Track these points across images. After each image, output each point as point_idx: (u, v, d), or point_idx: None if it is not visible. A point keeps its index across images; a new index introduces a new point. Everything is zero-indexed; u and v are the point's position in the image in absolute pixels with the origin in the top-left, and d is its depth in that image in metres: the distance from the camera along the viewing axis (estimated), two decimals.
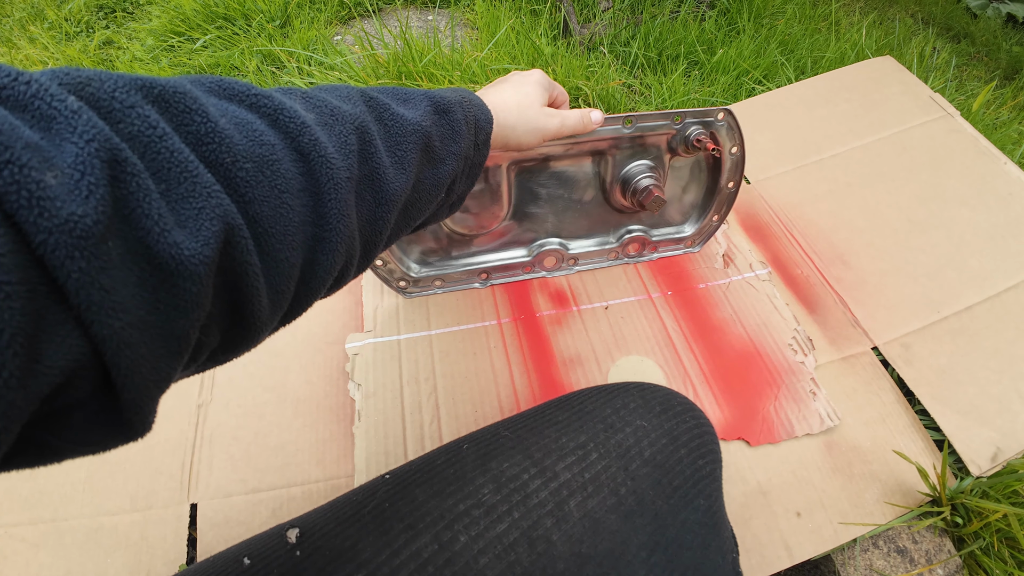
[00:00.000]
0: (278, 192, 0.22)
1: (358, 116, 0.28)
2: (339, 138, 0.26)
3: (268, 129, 0.23)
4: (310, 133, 0.24)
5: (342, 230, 0.25)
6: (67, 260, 0.14)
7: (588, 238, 0.72)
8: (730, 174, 0.69)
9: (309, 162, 0.24)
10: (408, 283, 0.68)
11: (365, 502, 0.37)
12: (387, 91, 0.34)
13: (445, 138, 0.35)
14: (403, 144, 0.31)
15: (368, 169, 0.28)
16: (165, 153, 0.18)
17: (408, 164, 0.31)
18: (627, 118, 0.62)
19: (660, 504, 0.36)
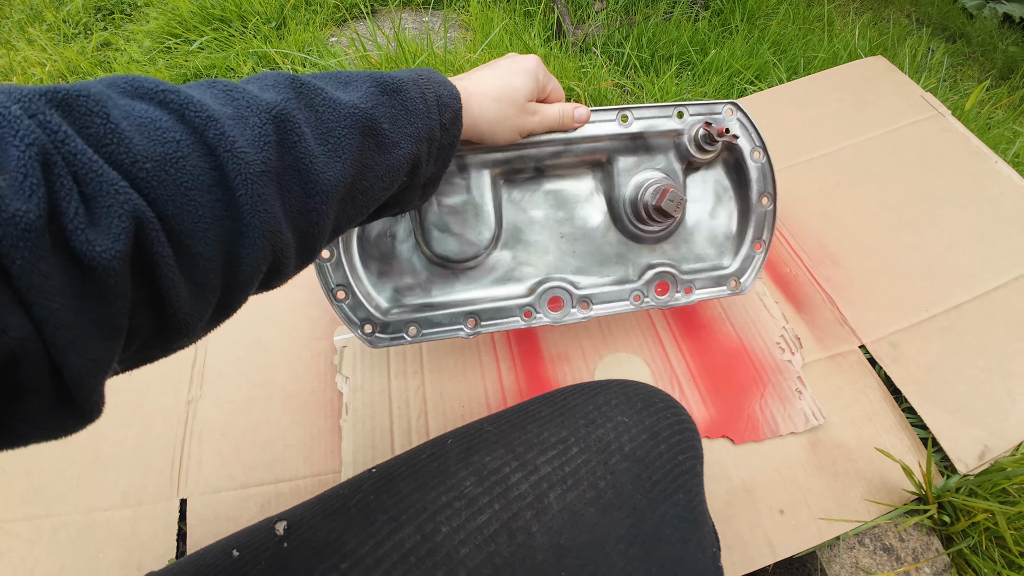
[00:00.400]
0: (185, 189, 0.22)
1: (278, 104, 0.27)
2: (253, 129, 0.25)
3: (175, 126, 0.23)
4: (216, 127, 0.23)
5: (260, 224, 0.25)
6: (12, 249, 0.16)
7: (601, 275, 0.59)
8: (759, 185, 0.60)
9: (217, 156, 0.23)
10: (375, 327, 0.54)
11: (351, 495, 0.38)
12: (326, 75, 0.33)
13: (396, 119, 0.33)
14: (336, 130, 0.30)
15: (291, 159, 0.27)
16: (71, 155, 0.18)
17: (344, 150, 0.30)
18: (622, 112, 0.56)
19: (639, 498, 0.36)
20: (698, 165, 0.61)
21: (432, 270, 0.57)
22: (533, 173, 0.59)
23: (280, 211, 0.26)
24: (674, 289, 0.59)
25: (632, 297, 0.58)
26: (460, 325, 0.56)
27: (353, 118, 0.30)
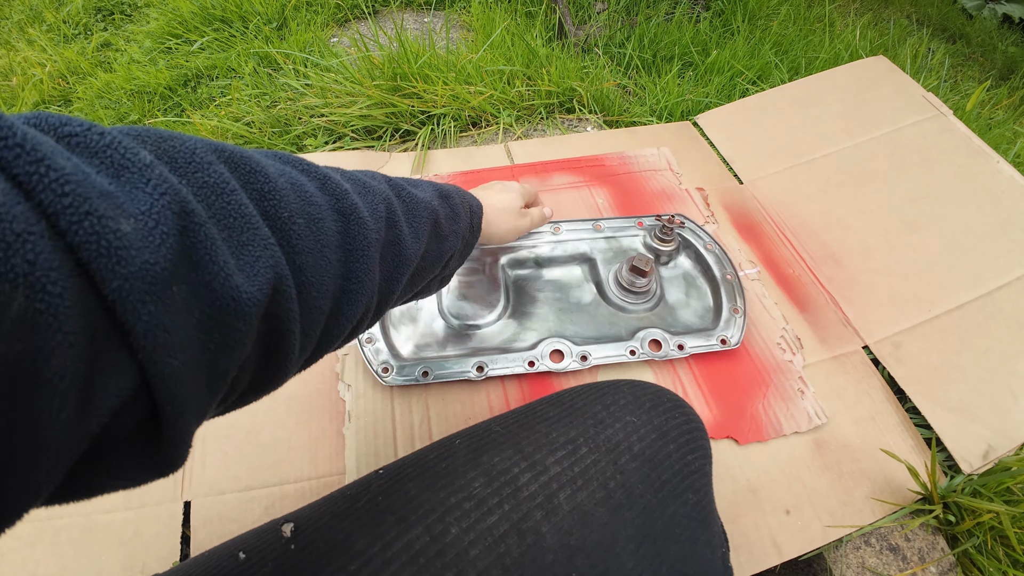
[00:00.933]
0: (320, 246, 0.25)
1: (384, 191, 0.33)
2: (371, 206, 0.30)
3: (317, 191, 0.26)
4: (350, 198, 0.28)
5: (367, 285, 0.28)
6: (138, 304, 0.15)
7: (597, 336, 0.68)
8: (719, 268, 0.74)
9: (348, 222, 0.27)
10: (391, 370, 0.63)
11: (358, 496, 0.38)
12: (400, 179, 0.39)
13: (448, 218, 0.41)
14: (418, 217, 0.36)
15: (392, 235, 0.32)
16: (234, 205, 0.20)
17: (421, 235, 0.36)
18: (595, 223, 0.77)
19: (649, 498, 0.36)
20: (666, 259, 0.76)
21: (449, 331, 0.68)
22: (534, 266, 0.75)
23: (378, 275, 0.31)
24: (667, 347, 0.66)
25: (628, 351, 0.66)
26: (468, 371, 0.64)
27: (428, 211, 0.37)
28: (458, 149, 0.93)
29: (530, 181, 0.85)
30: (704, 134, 0.97)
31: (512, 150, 0.92)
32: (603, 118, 1.02)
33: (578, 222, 0.77)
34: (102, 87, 1.19)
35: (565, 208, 0.82)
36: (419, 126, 0.96)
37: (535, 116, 1.01)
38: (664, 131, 0.97)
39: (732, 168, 0.91)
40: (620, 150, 0.91)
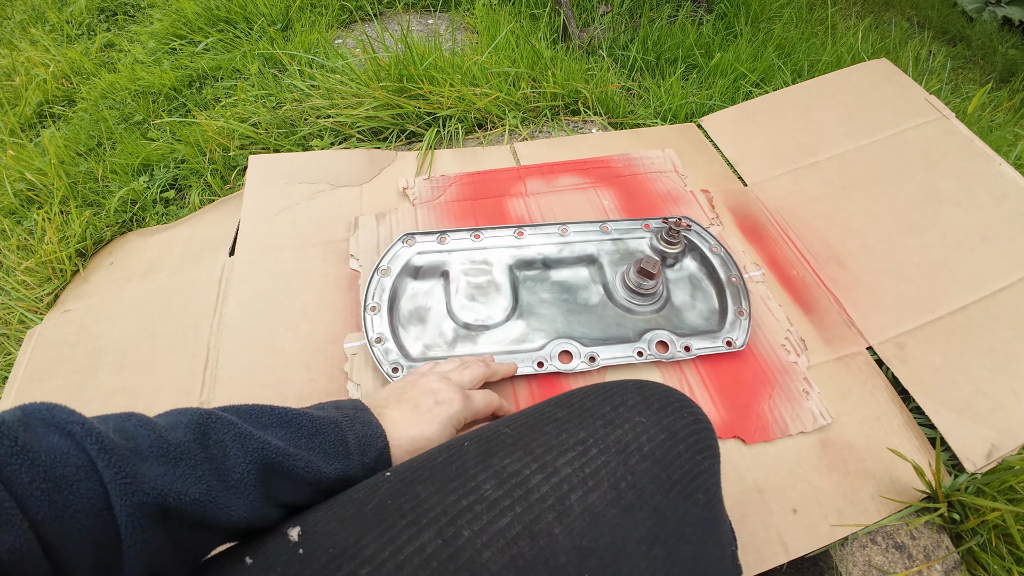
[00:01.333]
0: (72, 512, 0.24)
1: (181, 442, 0.31)
2: (148, 461, 0.28)
3: (76, 453, 0.25)
4: (106, 456, 0.26)
5: (139, 554, 0.26)
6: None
7: (604, 337, 0.69)
8: (724, 270, 0.74)
9: (104, 484, 0.26)
10: (400, 370, 0.63)
11: (367, 499, 0.37)
12: (246, 409, 0.38)
13: (307, 463, 0.37)
14: (240, 467, 0.33)
15: (189, 520, 0.30)
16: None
17: (254, 495, 0.33)
18: (603, 224, 0.77)
19: (659, 498, 0.37)
20: (672, 261, 0.76)
21: (458, 332, 0.69)
22: (542, 267, 0.75)
23: (171, 546, 0.28)
24: (673, 348, 0.67)
25: (635, 352, 0.66)
26: None
27: (258, 460, 0.33)
28: (464, 150, 0.93)
29: (536, 182, 0.86)
30: (708, 136, 0.97)
31: (518, 151, 0.92)
32: (608, 120, 1.03)
33: (585, 224, 0.77)
34: (106, 87, 1.19)
35: (571, 209, 0.82)
36: (425, 127, 0.97)
37: (540, 118, 1.02)
38: (669, 133, 0.97)
39: (736, 170, 0.92)
40: (625, 152, 0.91)
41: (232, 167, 0.97)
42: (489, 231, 0.76)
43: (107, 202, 0.94)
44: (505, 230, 0.76)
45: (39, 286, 0.85)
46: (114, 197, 0.93)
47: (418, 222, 0.79)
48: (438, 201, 0.83)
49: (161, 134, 1.06)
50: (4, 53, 1.46)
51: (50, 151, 0.99)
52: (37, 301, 0.84)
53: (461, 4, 1.36)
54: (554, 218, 0.81)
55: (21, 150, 1.05)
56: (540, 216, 0.81)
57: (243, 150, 0.97)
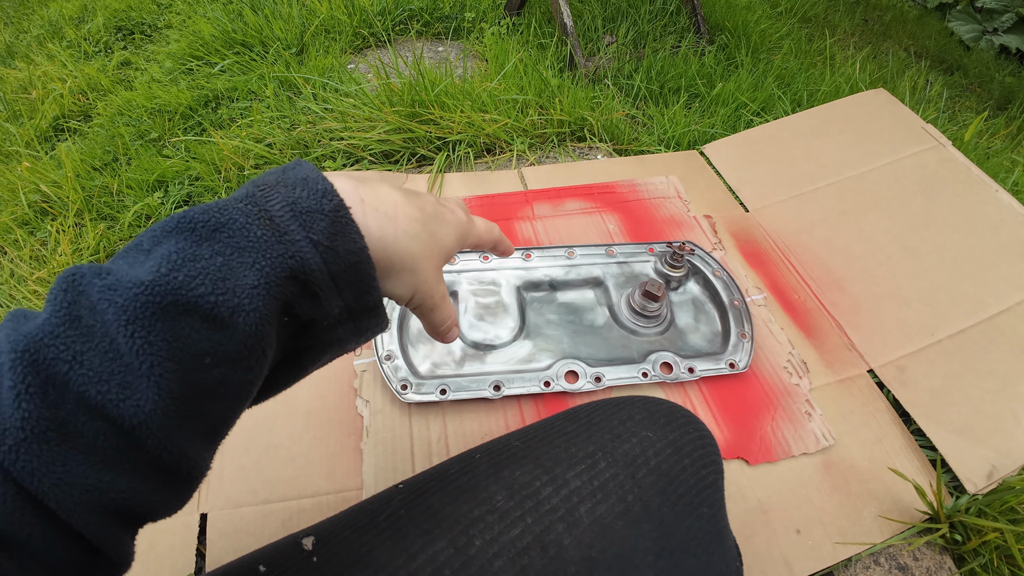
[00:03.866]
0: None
1: (30, 335, 0.20)
2: (5, 385, 0.20)
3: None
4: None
5: (65, 494, 0.20)
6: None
7: (610, 358, 0.70)
8: (727, 294, 0.76)
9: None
10: (409, 387, 0.65)
11: (380, 510, 0.38)
12: (130, 247, 0.24)
13: (220, 274, 0.23)
14: (121, 334, 0.21)
15: (73, 399, 0.20)
16: None
17: (148, 358, 0.21)
18: (608, 248, 0.79)
19: (666, 511, 0.38)
20: (675, 284, 0.77)
21: (466, 351, 0.70)
22: (549, 288, 0.77)
23: (87, 466, 0.20)
24: (677, 369, 0.68)
25: (640, 373, 0.68)
26: (485, 389, 0.65)
27: (138, 305, 0.21)
28: (473, 174, 0.95)
29: (543, 206, 0.88)
30: (711, 163, 1.00)
31: (525, 176, 0.94)
32: (613, 147, 1.05)
33: (591, 247, 0.79)
34: (123, 104, 1.22)
35: (578, 233, 0.84)
36: (435, 151, 0.99)
37: (547, 144, 1.05)
38: (672, 160, 1.00)
39: (738, 196, 0.94)
40: (630, 178, 0.94)
41: None
42: None
43: (122, 216, 0.96)
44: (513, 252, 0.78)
45: None
46: (129, 212, 0.95)
47: None
48: None
49: (176, 151, 1.09)
50: (21, 67, 1.49)
51: (66, 164, 1.01)
52: None
53: (472, 33, 1.40)
54: (561, 241, 0.83)
55: (36, 162, 1.07)
56: (547, 239, 0.83)
57: (257, 169, 1.00)
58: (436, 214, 0.33)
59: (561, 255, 0.78)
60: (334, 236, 0.25)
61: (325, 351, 0.30)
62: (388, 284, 0.31)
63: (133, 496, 0.22)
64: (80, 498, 0.20)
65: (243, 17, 1.37)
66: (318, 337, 0.28)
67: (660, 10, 1.41)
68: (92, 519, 0.20)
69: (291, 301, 0.25)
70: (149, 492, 0.22)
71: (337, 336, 0.29)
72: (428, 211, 0.32)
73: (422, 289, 0.32)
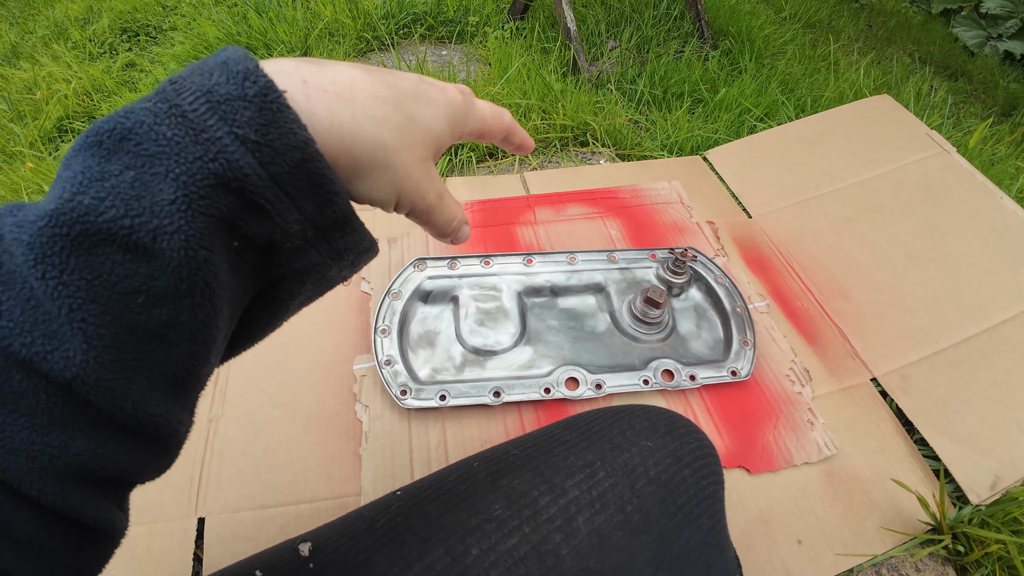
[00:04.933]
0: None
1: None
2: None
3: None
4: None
5: (11, 464, 0.18)
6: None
7: (611, 364, 0.70)
8: (729, 301, 0.75)
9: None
10: (408, 393, 0.64)
11: (377, 517, 0.38)
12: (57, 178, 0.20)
13: (128, 194, 0.19)
14: (32, 276, 0.18)
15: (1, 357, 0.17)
16: None
17: (66, 300, 0.18)
18: (610, 254, 0.79)
19: (665, 522, 0.37)
20: (678, 291, 0.77)
21: (466, 357, 0.69)
22: (550, 294, 0.76)
23: (30, 430, 0.18)
24: (679, 377, 0.68)
25: (641, 380, 0.67)
26: (485, 396, 0.65)
27: (45, 240, 0.18)
28: (475, 178, 0.95)
29: (545, 211, 0.88)
30: (714, 169, 1.00)
31: (528, 180, 0.94)
32: (616, 151, 1.05)
33: (593, 253, 0.79)
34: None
35: (579, 238, 0.84)
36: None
37: (550, 148, 1.04)
38: (675, 165, 1.00)
39: (741, 202, 0.94)
40: (633, 183, 0.94)
41: None
42: (499, 258, 0.77)
43: None
44: (514, 257, 0.78)
45: None
46: None
47: (429, 247, 0.81)
48: None
49: None
50: (26, 67, 1.50)
51: None
52: None
53: (475, 37, 1.40)
54: (562, 246, 0.82)
55: (40, 163, 1.07)
56: (549, 244, 0.83)
57: None
58: (414, 92, 0.26)
59: (563, 260, 0.78)
60: (265, 128, 0.20)
61: (303, 281, 0.25)
62: (359, 186, 0.25)
63: (94, 459, 0.19)
64: (28, 465, 0.18)
65: (247, 20, 1.38)
66: (288, 264, 0.24)
67: (664, 15, 1.41)
68: (48, 487, 0.18)
69: (231, 217, 0.21)
70: (114, 454, 0.20)
71: (312, 261, 0.24)
72: (403, 88, 0.26)
73: (407, 188, 0.26)
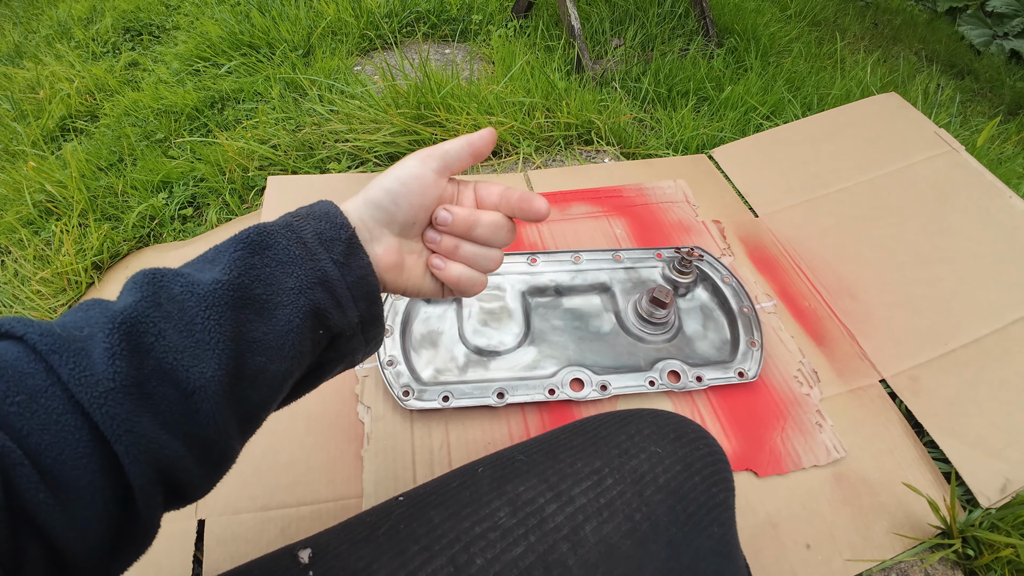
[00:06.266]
0: (55, 416, 0.22)
1: (127, 309, 0.25)
2: (100, 344, 0.24)
3: (30, 359, 0.23)
4: (60, 355, 0.23)
5: (133, 443, 0.23)
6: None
7: (616, 365, 0.69)
8: (736, 301, 0.75)
9: (63, 382, 0.23)
10: (411, 393, 0.63)
11: (379, 523, 0.37)
12: (198, 258, 0.31)
13: (270, 279, 0.30)
14: (198, 317, 0.27)
15: (152, 363, 0.25)
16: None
17: (213, 334, 0.27)
18: (615, 253, 0.78)
19: (674, 531, 0.36)
20: (683, 291, 0.76)
21: (469, 357, 0.69)
22: (554, 294, 0.75)
23: (151, 424, 0.24)
24: (685, 378, 0.67)
25: (647, 382, 0.66)
26: (488, 397, 0.64)
27: (215, 296, 0.28)
28: (479, 176, 0.94)
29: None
30: (719, 167, 0.99)
31: (532, 179, 0.94)
32: (620, 150, 1.04)
33: (598, 252, 0.78)
34: (129, 105, 1.22)
35: (584, 238, 0.83)
36: None
37: (554, 147, 1.04)
38: (680, 164, 0.99)
39: (747, 201, 0.93)
40: (637, 182, 0.93)
41: (250, 187, 0.98)
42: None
43: (126, 217, 0.95)
44: (518, 257, 0.77)
45: (53, 296, 0.86)
46: (133, 212, 0.95)
47: None
48: None
49: (182, 152, 1.08)
50: (29, 66, 1.50)
51: (71, 164, 1.01)
52: (51, 312, 0.84)
53: (478, 35, 1.39)
54: (567, 246, 0.82)
55: (42, 162, 1.07)
56: (553, 243, 0.82)
57: (262, 171, 0.99)
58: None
59: (567, 260, 0.77)
60: (348, 255, 0.33)
61: (340, 362, 0.36)
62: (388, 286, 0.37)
63: (180, 460, 0.25)
64: (143, 448, 0.24)
65: (250, 19, 1.37)
66: (339, 349, 0.34)
67: (668, 13, 1.40)
68: (147, 472, 0.24)
69: (322, 308, 0.32)
70: (191, 461, 0.26)
71: (353, 346, 0.35)
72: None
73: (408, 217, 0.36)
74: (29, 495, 0.21)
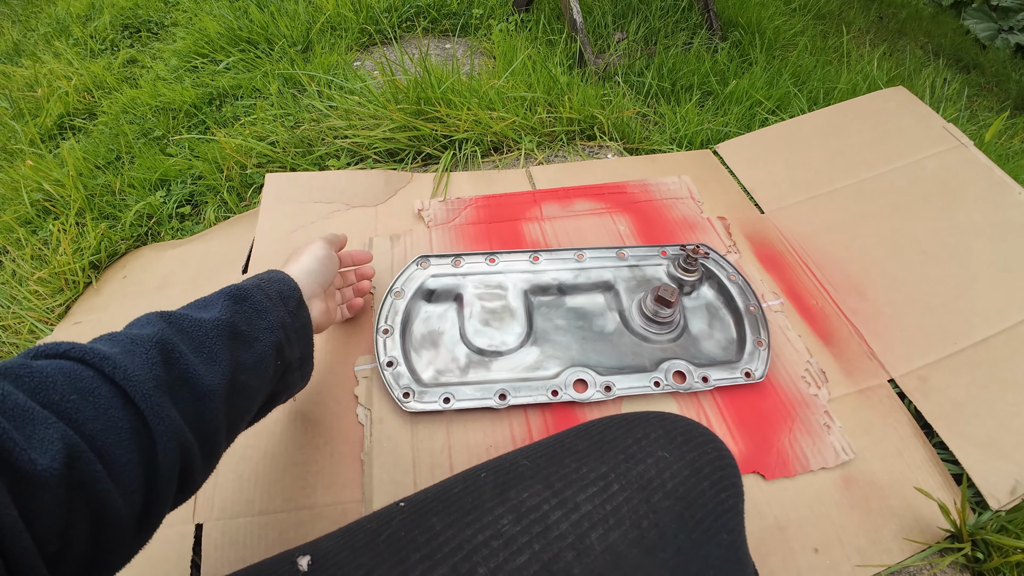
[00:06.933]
0: (104, 410, 0.30)
1: (156, 334, 0.35)
2: (140, 357, 0.33)
3: (83, 369, 0.31)
4: (110, 362, 0.31)
5: (166, 428, 0.32)
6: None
7: (620, 366, 0.67)
8: (742, 299, 0.73)
9: (116, 382, 0.31)
10: (412, 395, 0.63)
11: (380, 530, 0.37)
12: (188, 306, 0.43)
13: (251, 320, 0.43)
14: (207, 342, 0.38)
15: (177, 372, 0.35)
16: (11, 404, 0.26)
17: (217, 355, 0.38)
18: (619, 250, 0.77)
19: (683, 538, 0.35)
20: (689, 289, 0.75)
21: (471, 358, 0.67)
22: (557, 293, 0.74)
23: (178, 416, 0.33)
24: (691, 379, 0.65)
25: (652, 382, 0.65)
26: (490, 398, 0.63)
27: (217, 330, 0.39)
28: (480, 173, 0.93)
29: (552, 206, 0.86)
30: (724, 163, 0.97)
31: (534, 175, 0.92)
32: (623, 145, 1.03)
33: (601, 250, 0.77)
34: (127, 102, 1.21)
35: (587, 235, 0.82)
36: (442, 150, 0.97)
37: (556, 142, 1.02)
38: (685, 159, 0.97)
39: (753, 197, 0.91)
40: (641, 178, 0.91)
41: (248, 185, 0.97)
42: (504, 255, 0.75)
43: (123, 215, 0.94)
44: (520, 254, 0.76)
45: (51, 296, 0.85)
46: (130, 211, 0.94)
47: (433, 244, 0.79)
48: (453, 223, 0.83)
49: (179, 150, 1.07)
50: (27, 64, 1.49)
51: (69, 163, 1.00)
52: (48, 312, 0.84)
53: (479, 29, 1.38)
54: (570, 243, 0.80)
55: (40, 161, 1.06)
56: (555, 241, 0.81)
57: (260, 168, 0.98)
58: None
59: (570, 258, 0.76)
60: (298, 308, 0.49)
61: (285, 391, 0.50)
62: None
63: (192, 447, 0.34)
64: (173, 433, 0.32)
65: (249, 14, 1.36)
66: (286, 380, 0.48)
67: (672, 6, 1.38)
68: (173, 450, 0.32)
69: (281, 344, 0.45)
70: (198, 449, 0.35)
71: (294, 379, 0.50)
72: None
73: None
74: (89, 467, 0.27)
